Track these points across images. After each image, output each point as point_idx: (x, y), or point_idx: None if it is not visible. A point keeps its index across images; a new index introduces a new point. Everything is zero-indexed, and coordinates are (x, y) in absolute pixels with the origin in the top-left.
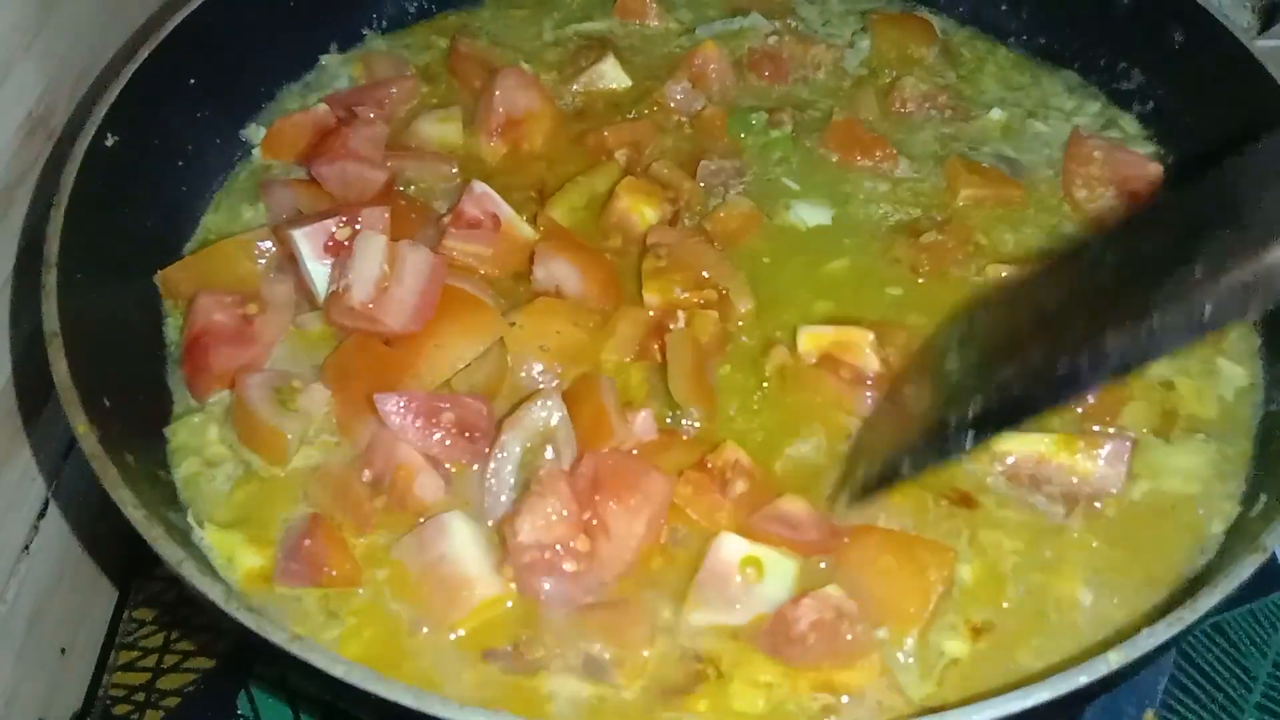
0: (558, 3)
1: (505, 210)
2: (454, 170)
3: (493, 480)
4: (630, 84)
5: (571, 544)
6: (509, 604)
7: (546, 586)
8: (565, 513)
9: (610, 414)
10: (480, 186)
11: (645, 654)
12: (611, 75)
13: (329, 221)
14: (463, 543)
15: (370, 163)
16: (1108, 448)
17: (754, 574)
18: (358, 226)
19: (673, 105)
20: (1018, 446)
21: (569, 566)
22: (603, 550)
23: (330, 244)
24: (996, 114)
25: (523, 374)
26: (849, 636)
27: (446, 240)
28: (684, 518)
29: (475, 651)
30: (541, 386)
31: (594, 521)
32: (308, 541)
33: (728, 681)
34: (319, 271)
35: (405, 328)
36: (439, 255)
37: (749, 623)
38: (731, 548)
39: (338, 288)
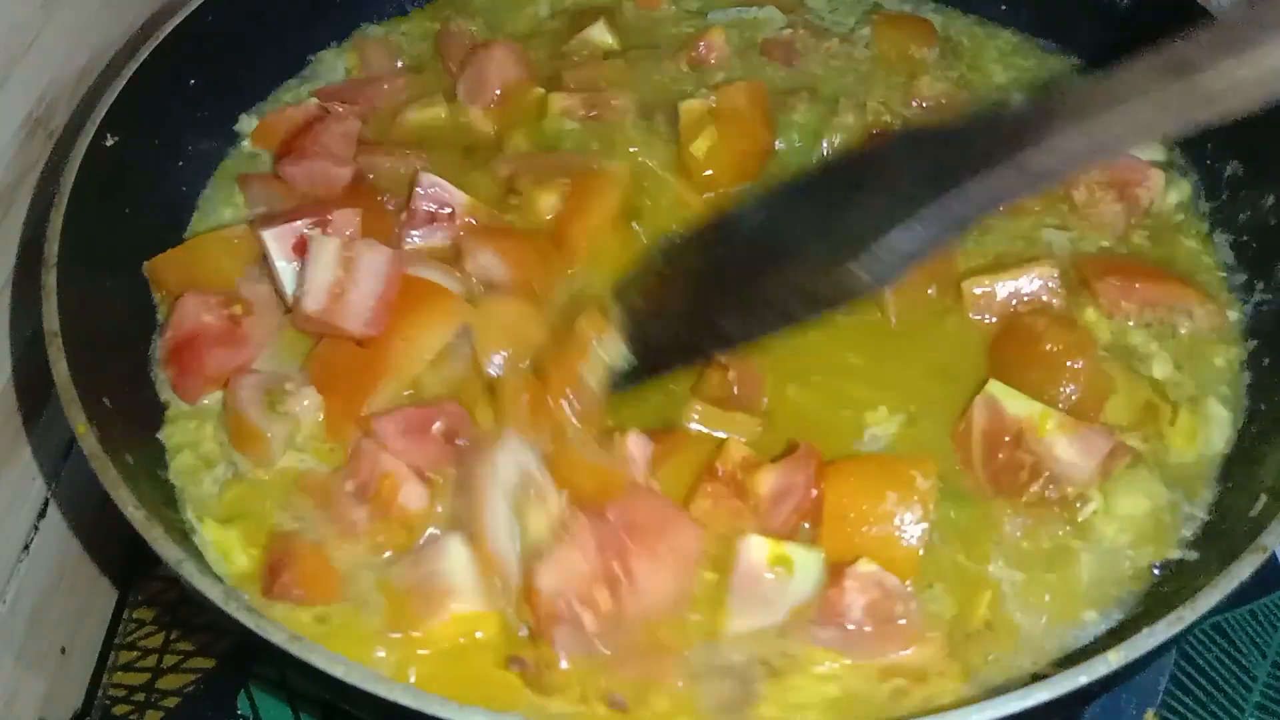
0: None
1: (459, 196)
2: (424, 165)
3: (495, 545)
4: (617, 45)
5: (593, 599)
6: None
7: (562, 638)
8: (589, 565)
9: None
10: (428, 179)
11: (680, 685)
12: (598, 37)
13: (299, 223)
14: (457, 563)
15: (336, 159)
16: (1087, 436)
17: (784, 571)
18: (329, 229)
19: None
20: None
21: (589, 622)
22: (627, 605)
23: (298, 244)
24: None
25: (488, 366)
26: (903, 620)
27: (406, 242)
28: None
29: (498, 657)
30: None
31: (619, 571)
32: (285, 575)
33: (786, 677)
34: (288, 272)
35: (366, 330)
36: (399, 251)
37: (788, 618)
38: (758, 550)
39: (299, 293)
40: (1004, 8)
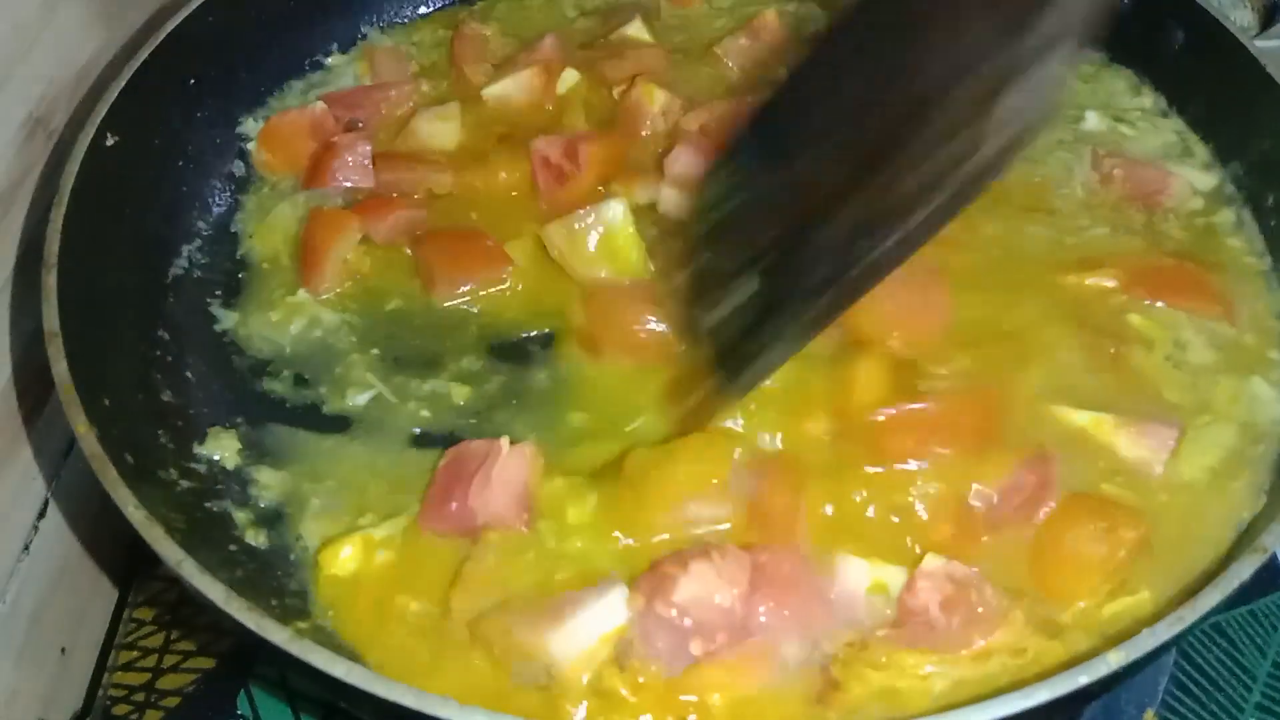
0: None
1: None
2: (447, 177)
3: None
4: (654, 43)
5: (714, 634)
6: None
7: (659, 645)
8: (729, 602)
9: (801, 520)
10: (541, 141)
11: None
12: (635, 34)
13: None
14: (607, 611)
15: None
16: (1153, 431)
17: (880, 600)
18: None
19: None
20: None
21: (694, 649)
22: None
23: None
24: (1092, 120)
25: None
26: (980, 609)
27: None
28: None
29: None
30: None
31: (740, 616)
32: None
33: (878, 671)
34: None
35: None
36: None
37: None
38: (857, 574)
39: None
40: None
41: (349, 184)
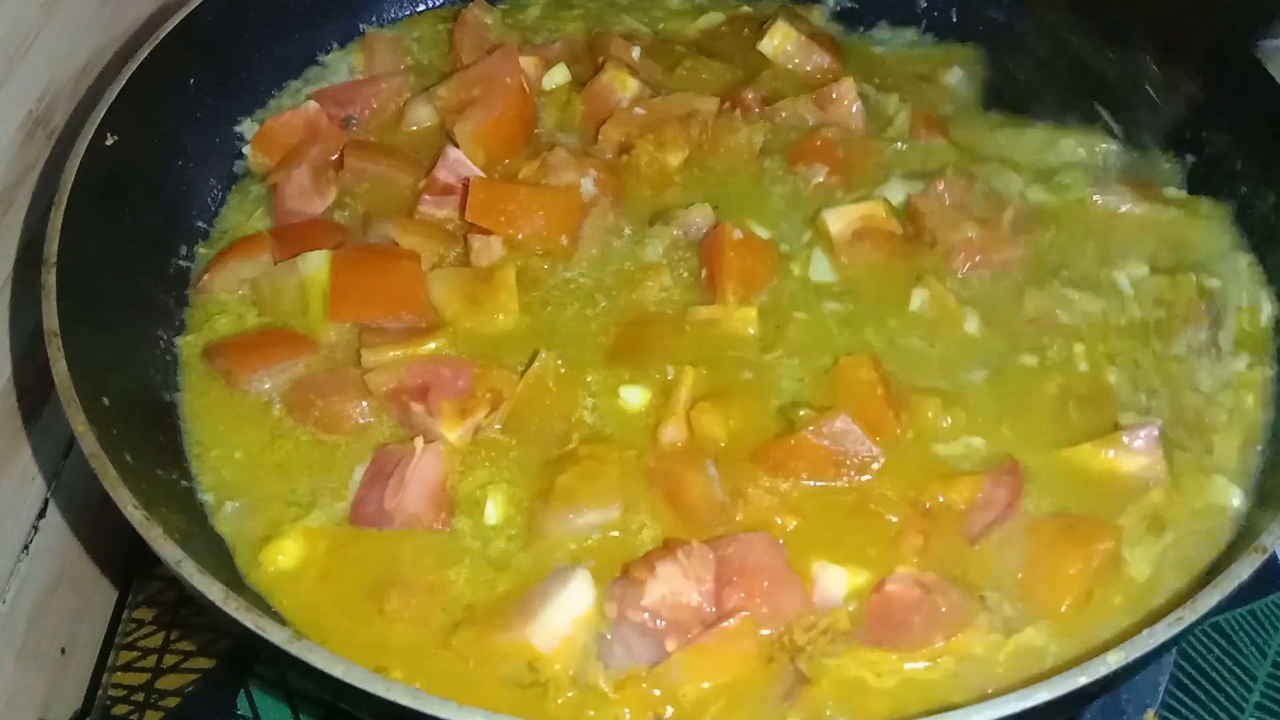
0: None
1: (476, 173)
2: (412, 178)
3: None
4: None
5: (684, 631)
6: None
7: (637, 650)
8: (699, 599)
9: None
10: (454, 153)
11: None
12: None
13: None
14: (574, 596)
15: (318, 187)
16: (1139, 437)
17: (858, 606)
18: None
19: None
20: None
21: (670, 646)
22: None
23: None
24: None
25: None
26: (944, 609)
27: (421, 206)
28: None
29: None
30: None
31: (712, 611)
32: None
33: (836, 669)
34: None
35: None
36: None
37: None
38: (835, 581)
39: None
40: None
41: (293, 209)
